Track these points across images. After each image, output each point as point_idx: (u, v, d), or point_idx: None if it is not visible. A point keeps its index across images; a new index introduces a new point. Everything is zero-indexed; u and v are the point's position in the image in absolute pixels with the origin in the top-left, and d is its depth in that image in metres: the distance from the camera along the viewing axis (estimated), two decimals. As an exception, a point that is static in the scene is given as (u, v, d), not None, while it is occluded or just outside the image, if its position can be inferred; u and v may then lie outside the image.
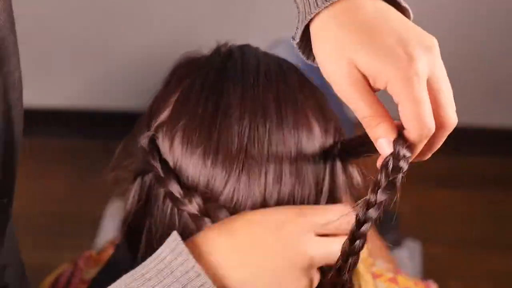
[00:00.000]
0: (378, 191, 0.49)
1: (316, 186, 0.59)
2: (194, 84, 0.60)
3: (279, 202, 0.57)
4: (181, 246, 0.53)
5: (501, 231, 1.73)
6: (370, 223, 0.50)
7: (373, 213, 0.50)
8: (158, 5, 1.76)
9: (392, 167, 0.49)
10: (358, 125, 0.53)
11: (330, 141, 0.60)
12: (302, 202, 0.58)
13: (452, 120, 0.50)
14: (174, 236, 0.54)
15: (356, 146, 0.59)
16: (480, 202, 1.80)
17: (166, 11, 1.78)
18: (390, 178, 0.49)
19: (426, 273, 1.36)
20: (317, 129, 0.59)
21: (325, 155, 0.59)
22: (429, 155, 0.53)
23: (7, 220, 0.64)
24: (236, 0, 1.76)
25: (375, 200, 0.49)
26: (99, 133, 1.97)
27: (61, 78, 1.95)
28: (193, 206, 0.56)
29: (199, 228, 0.57)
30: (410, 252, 1.40)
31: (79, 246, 1.19)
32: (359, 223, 0.50)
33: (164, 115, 0.60)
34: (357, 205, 0.51)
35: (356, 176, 0.63)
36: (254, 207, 0.56)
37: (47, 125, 1.98)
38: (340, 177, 0.61)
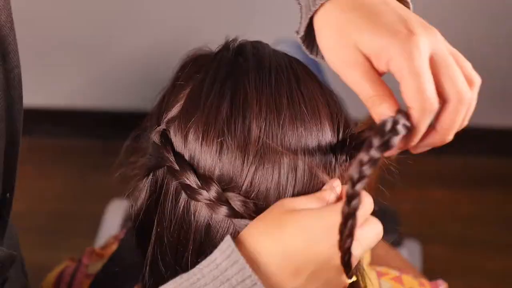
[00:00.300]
0: (371, 149, 0.49)
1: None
2: (206, 78, 0.60)
3: (295, 191, 0.57)
4: (237, 254, 0.51)
5: (501, 231, 1.73)
6: (364, 181, 0.49)
7: (367, 170, 0.49)
8: (158, 5, 1.76)
9: (390, 128, 0.49)
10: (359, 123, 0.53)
11: (339, 134, 0.60)
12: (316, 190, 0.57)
13: (463, 92, 0.51)
14: (228, 242, 0.52)
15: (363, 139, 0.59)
16: (481, 202, 1.80)
17: (166, 11, 1.78)
18: (385, 138, 0.49)
19: (426, 273, 1.36)
20: (326, 123, 0.59)
21: (336, 148, 0.59)
22: (452, 135, 0.53)
23: (8, 215, 0.66)
24: (236, 0, 1.76)
25: (369, 158, 0.49)
26: (99, 133, 1.97)
27: (61, 78, 1.95)
28: (211, 194, 0.56)
29: (216, 215, 0.57)
30: (410, 252, 1.40)
31: (78, 245, 1.19)
32: (353, 182, 0.49)
33: (175, 110, 0.60)
34: (350, 165, 0.51)
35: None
36: (272, 195, 0.56)
37: (47, 125, 1.98)
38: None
